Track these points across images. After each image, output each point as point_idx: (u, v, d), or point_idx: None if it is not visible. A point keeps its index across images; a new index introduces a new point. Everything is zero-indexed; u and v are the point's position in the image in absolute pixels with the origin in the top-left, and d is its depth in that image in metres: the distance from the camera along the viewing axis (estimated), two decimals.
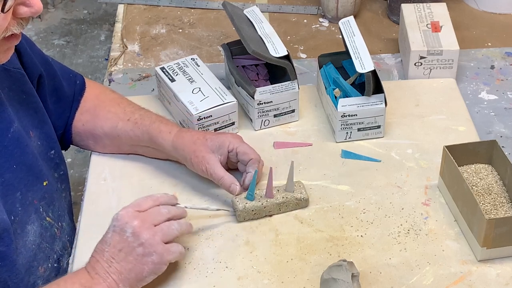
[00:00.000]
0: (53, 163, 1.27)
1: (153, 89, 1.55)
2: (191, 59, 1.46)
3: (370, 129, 1.38)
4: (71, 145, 1.38)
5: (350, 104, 1.35)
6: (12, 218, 1.11)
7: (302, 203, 1.25)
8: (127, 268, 1.07)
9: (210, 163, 1.24)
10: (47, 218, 1.21)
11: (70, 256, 1.25)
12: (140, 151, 1.35)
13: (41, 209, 1.19)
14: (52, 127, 1.28)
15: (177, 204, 1.16)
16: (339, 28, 1.43)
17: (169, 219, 1.12)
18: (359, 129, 1.38)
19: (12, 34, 1.03)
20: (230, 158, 1.27)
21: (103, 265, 1.07)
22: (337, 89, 1.41)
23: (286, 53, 1.38)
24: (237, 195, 1.23)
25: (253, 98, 1.38)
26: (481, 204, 1.17)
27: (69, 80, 1.34)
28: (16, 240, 1.12)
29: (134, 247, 1.07)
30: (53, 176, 1.26)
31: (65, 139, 1.35)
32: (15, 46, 1.20)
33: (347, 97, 1.38)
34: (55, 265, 1.23)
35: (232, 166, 1.30)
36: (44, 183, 1.21)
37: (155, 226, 1.09)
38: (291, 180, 1.23)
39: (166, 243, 1.09)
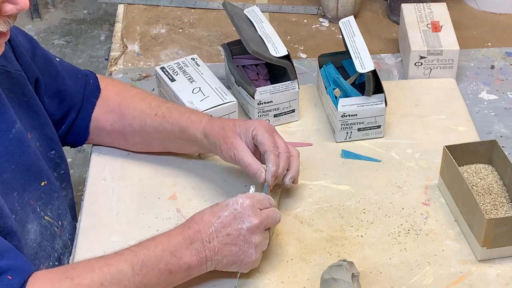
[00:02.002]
0: (53, 163, 1.27)
1: (153, 89, 1.55)
2: (191, 59, 1.46)
3: (370, 129, 1.38)
4: (76, 146, 1.38)
5: (350, 104, 1.35)
6: (13, 217, 1.11)
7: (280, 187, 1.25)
8: (224, 253, 1.07)
9: (238, 149, 1.21)
10: (46, 217, 1.21)
11: (71, 254, 1.25)
12: (171, 145, 1.33)
13: (38, 209, 1.19)
14: (53, 128, 1.27)
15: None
16: (339, 28, 1.43)
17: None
18: (359, 129, 1.38)
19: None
20: (255, 144, 1.24)
21: (203, 237, 1.07)
22: (337, 89, 1.41)
23: (286, 53, 1.38)
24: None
25: (253, 98, 1.38)
26: (481, 204, 1.17)
27: (77, 80, 1.33)
28: (20, 238, 1.12)
29: (241, 241, 1.08)
30: (53, 175, 1.26)
31: (76, 138, 1.34)
32: (13, 48, 1.20)
33: (347, 97, 1.38)
34: (56, 263, 1.23)
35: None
36: (42, 184, 1.20)
37: (265, 230, 1.11)
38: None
39: None
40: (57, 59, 1.32)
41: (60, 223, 1.25)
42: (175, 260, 1.05)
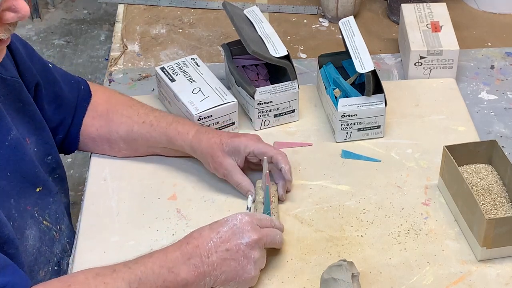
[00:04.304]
0: (49, 168, 1.26)
1: (153, 89, 1.55)
2: (191, 59, 1.46)
3: (370, 129, 1.38)
4: (68, 153, 1.37)
5: (350, 104, 1.35)
6: (11, 223, 1.10)
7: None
8: (222, 268, 1.06)
9: (228, 169, 1.25)
10: (44, 222, 1.20)
11: (70, 257, 1.24)
12: (157, 151, 1.34)
13: (36, 214, 1.18)
14: (50, 133, 1.27)
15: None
16: (339, 28, 1.43)
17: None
18: (359, 129, 1.38)
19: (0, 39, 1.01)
20: (249, 159, 1.27)
21: (201, 252, 1.05)
22: (337, 89, 1.41)
23: (286, 53, 1.38)
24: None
25: (253, 98, 1.38)
26: (481, 204, 1.17)
27: (71, 86, 1.33)
28: (18, 246, 1.10)
29: (240, 257, 1.07)
30: (49, 179, 1.24)
31: (69, 144, 1.34)
32: (12, 55, 1.19)
33: (347, 97, 1.38)
34: (55, 268, 1.22)
35: (253, 166, 1.30)
36: (37, 190, 1.19)
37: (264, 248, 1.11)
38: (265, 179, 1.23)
39: None
40: (49, 65, 1.31)
41: (58, 227, 1.24)
42: (172, 276, 1.04)
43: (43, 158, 1.25)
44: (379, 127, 1.38)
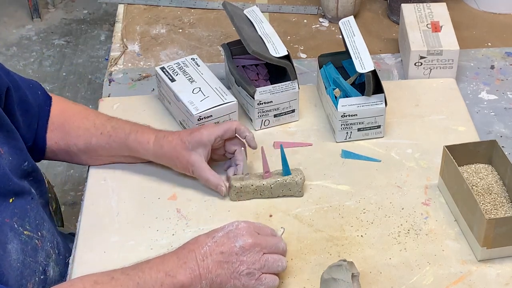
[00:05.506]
0: (25, 173, 1.24)
1: (153, 89, 1.55)
2: (191, 59, 1.47)
3: (370, 129, 1.38)
4: (38, 160, 1.34)
5: (350, 104, 1.35)
6: None
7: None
8: (217, 271, 1.07)
9: (195, 166, 1.25)
10: (25, 232, 1.17)
11: (55, 263, 1.23)
12: (121, 160, 1.34)
13: (15, 225, 1.15)
14: (21, 139, 1.24)
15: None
16: (339, 28, 1.43)
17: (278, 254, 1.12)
18: (359, 129, 1.38)
19: None
20: (215, 148, 1.28)
21: (197, 256, 1.07)
22: (337, 89, 1.41)
23: (286, 53, 1.38)
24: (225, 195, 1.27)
25: (253, 98, 1.38)
26: (481, 204, 1.17)
27: (31, 90, 1.31)
28: (1, 263, 1.09)
29: (234, 259, 1.07)
30: (24, 184, 1.22)
31: (38, 150, 1.32)
32: None
33: (347, 97, 1.38)
34: (41, 277, 1.19)
35: (216, 155, 1.31)
36: (10, 200, 1.16)
37: (263, 254, 1.09)
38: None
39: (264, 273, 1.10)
40: (9, 70, 1.28)
41: (39, 234, 1.21)
42: (169, 279, 1.05)
43: (19, 165, 1.22)
44: (379, 127, 1.38)
